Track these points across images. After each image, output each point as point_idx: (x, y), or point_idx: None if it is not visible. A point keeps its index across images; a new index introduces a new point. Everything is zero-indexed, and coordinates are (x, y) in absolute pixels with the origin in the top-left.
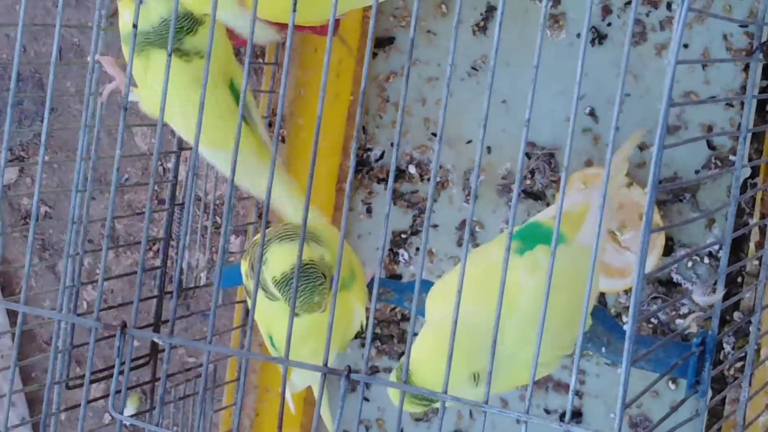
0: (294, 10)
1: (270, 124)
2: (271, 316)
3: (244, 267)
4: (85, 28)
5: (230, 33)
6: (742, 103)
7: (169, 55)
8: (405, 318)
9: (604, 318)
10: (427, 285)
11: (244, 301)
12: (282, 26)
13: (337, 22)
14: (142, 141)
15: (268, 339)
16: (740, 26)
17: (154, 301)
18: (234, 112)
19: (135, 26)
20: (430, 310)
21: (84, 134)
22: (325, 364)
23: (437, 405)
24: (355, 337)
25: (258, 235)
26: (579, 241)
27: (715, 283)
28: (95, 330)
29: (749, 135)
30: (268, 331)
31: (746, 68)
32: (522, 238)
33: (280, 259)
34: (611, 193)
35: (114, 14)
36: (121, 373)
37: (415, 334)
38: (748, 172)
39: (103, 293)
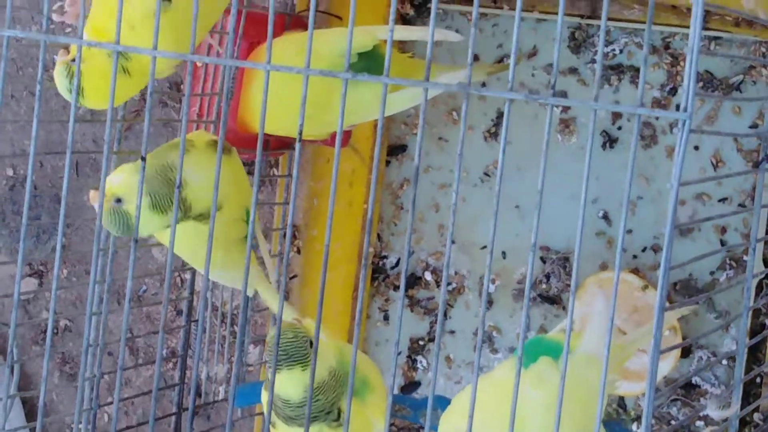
0: (301, 128)
1: (285, 235)
2: None
3: (265, 397)
4: (97, 152)
5: (242, 144)
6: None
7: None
8: (424, 428)
9: (619, 430)
10: (443, 402)
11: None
12: (289, 140)
13: (347, 132)
14: (159, 253)
15: None
16: (750, 127)
17: (173, 417)
18: (243, 241)
19: (143, 158)
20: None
21: (97, 258)
22: None
23: None
24: None
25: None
26: (582, 350)
27: (731, 393)
28: None
29: (760, 244)
30: None
31: (756, 165)
32: (525, 353)
33: (289, 388)
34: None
35: (128, 128)
36: None
37: None
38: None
39: (123, 408)
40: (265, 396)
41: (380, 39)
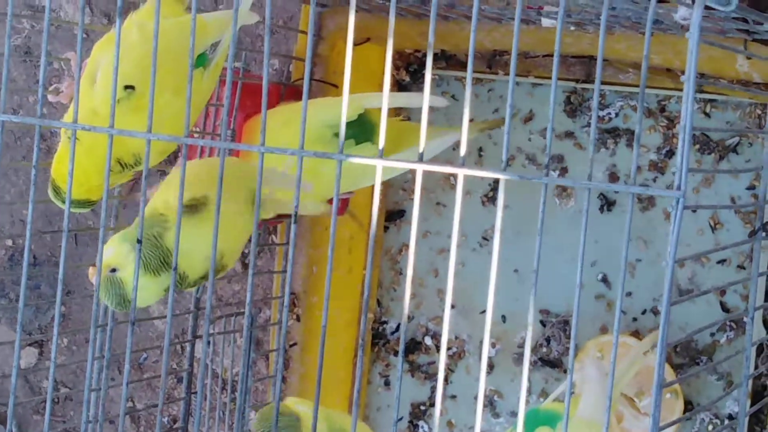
0: (297, 209)
1: (284, 303)
2: None
3: None
4: (92, 230)
5: None
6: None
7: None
8: None
9: None
10: None
11: None
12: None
13: (345, 200)
14: (160, 322)
15: None
16: (747, 189)
17: None
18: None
19: (139, 241)
20: None
21: (95, 335)
22: None
23: None
24: None
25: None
26: (579, 415)
27: None
28: None
29: (758, 312)
30: None
31: (753, 234)
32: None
33: None
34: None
35: (125, 207)
36: None
37: None
38: (763, 333)
39: None
40: None
41: (365, 108)
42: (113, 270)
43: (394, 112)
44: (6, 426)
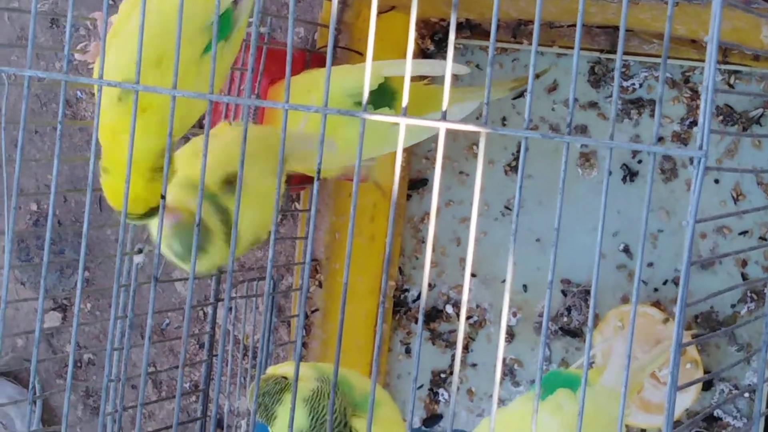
0: (319, 171)
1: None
2: None
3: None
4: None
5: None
6: None
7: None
8: None
9: None
10: None
11: None
12: (307, 177)
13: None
14: (182, 287)
15: None
16: None
17: None
18: None
19: (163, 197)
20: None
21: (118, 295)
22: None
23: None
24: None
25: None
26: (603, 383)
27: (751, 428)
28: None
29: None
30: None
31: None
32: (542, 386)
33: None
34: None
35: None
36: None
37: None
38: None
39: None
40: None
41: (386, 76)
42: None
43: (419, 78)
44: (29, 389)
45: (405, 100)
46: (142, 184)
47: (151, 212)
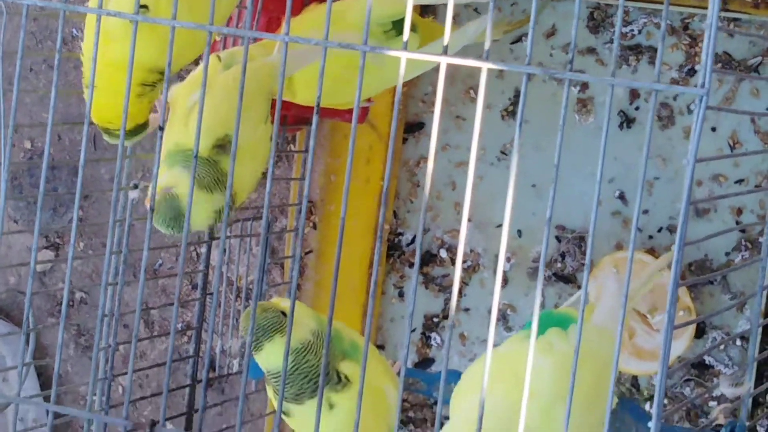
0: (318, 104)
1: (301, 211)
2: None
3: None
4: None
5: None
6: None
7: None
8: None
9: (632, 408)
10: (456, 376)
11: None
12: (308, 112)
13: (365, 108)
14: None
15: None
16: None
17: (188, 389)
18: None
19: (161, 128)
20: (454, 407)
21: (113, 229)
22: None
23: None
24: None
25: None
26: (594, 322)
27: (744, 373)
28: (125, 428)
29: None
30: None
31: None
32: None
33: (278, 359)
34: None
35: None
36: None
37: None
38: None
39: (137, 380)
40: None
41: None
42: (168, 189)
43: (419, 11)
44: (22, 327)
45: (406, 35)
46: (130, 99)
47: (137, 130)
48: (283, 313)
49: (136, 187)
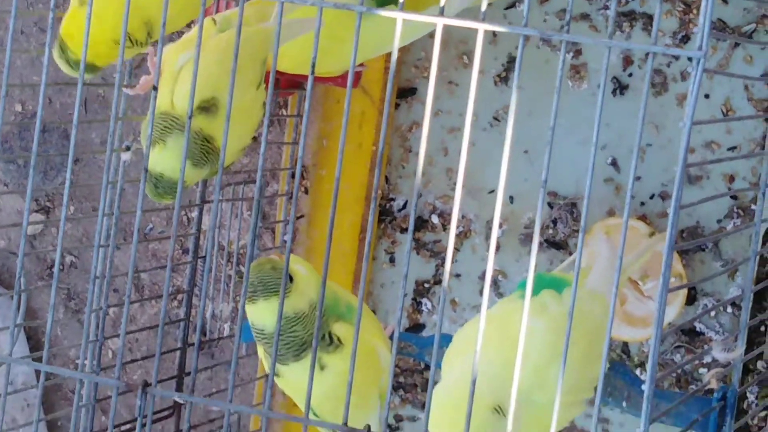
0: (314, 64)
1: (293, 175)
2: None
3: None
4: (107, 85)
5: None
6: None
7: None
8: (429, 367)
9: (624, 372)
10: (448, 340)
11: None
12: (301, 77)
13: (358, 73)
14: None
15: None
16: (762, 75)
17: (178, 352)
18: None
19: (155, 88)
20: (446, 369)
21: (106, 190)
22: (345, 423)
23: None
24: None
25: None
26: (587, 286)
27: (735, 339)
28: (117, 388)
29: None
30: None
31: None
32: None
33: (266, 318)
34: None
35: (138, 66)
36: (143, 425)
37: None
38: None
39: (127, 344)
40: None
41: None
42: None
43: None
44: (12, 289)
45: None
46: (105, 49)
47: (92, 69)
48: (291, 279)
49: (128, 148)
